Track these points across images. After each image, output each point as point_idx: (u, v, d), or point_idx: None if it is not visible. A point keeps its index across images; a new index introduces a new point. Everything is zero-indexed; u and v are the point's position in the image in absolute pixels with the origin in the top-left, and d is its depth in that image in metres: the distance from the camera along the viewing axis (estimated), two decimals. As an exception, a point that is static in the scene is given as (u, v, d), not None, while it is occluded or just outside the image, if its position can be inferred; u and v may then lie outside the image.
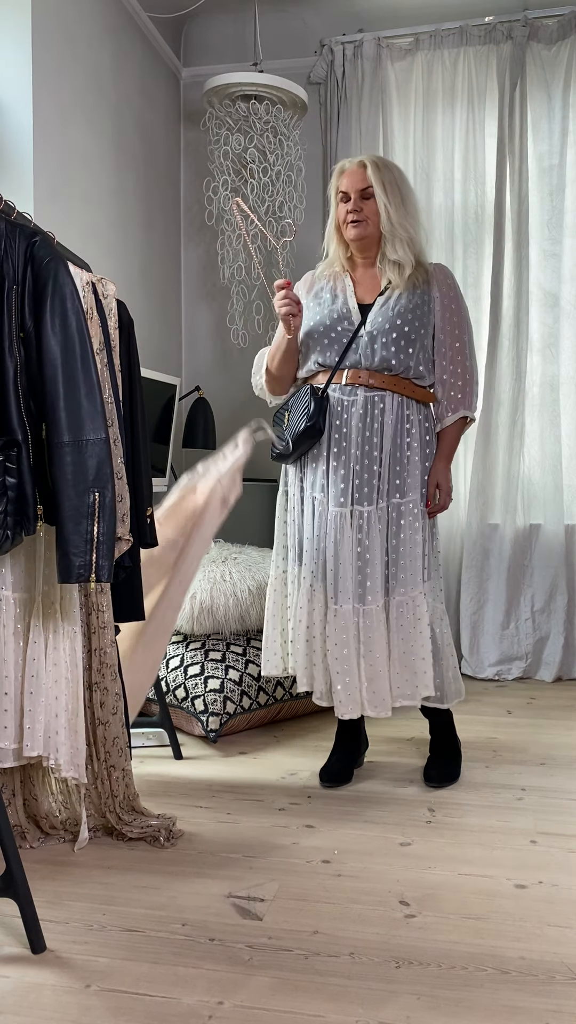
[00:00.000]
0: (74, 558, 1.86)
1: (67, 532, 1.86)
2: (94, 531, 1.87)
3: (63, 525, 1.86)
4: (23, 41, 2.96)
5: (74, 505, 1.86)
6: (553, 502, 3.93)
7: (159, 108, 4.17)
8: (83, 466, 1.86)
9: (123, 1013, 1.52)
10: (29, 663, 2.02)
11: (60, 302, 1.86)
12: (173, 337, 4.41)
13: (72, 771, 2.06)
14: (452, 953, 1.71)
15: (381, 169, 2.52)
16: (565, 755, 2.88)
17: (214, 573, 3.14)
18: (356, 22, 4.16)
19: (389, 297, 2.54)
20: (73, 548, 1.86)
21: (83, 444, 1.86)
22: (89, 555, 1.87)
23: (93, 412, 1.88)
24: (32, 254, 1.88)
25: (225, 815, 2.38)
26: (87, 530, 1.86)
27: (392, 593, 2.51)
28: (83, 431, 1.87)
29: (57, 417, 1.85)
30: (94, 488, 1.87)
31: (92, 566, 1.87)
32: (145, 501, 2.41)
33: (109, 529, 1.89)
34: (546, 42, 3.93)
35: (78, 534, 1.86)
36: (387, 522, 2.52)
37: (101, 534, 1.88)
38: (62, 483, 1.86)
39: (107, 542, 1.89)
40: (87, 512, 1.87)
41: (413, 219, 2.56)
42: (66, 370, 1.86)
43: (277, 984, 1.60)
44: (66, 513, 1.86)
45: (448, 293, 2.58)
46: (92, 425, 1.88)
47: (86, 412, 1.87)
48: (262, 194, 4.07)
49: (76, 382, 1.86)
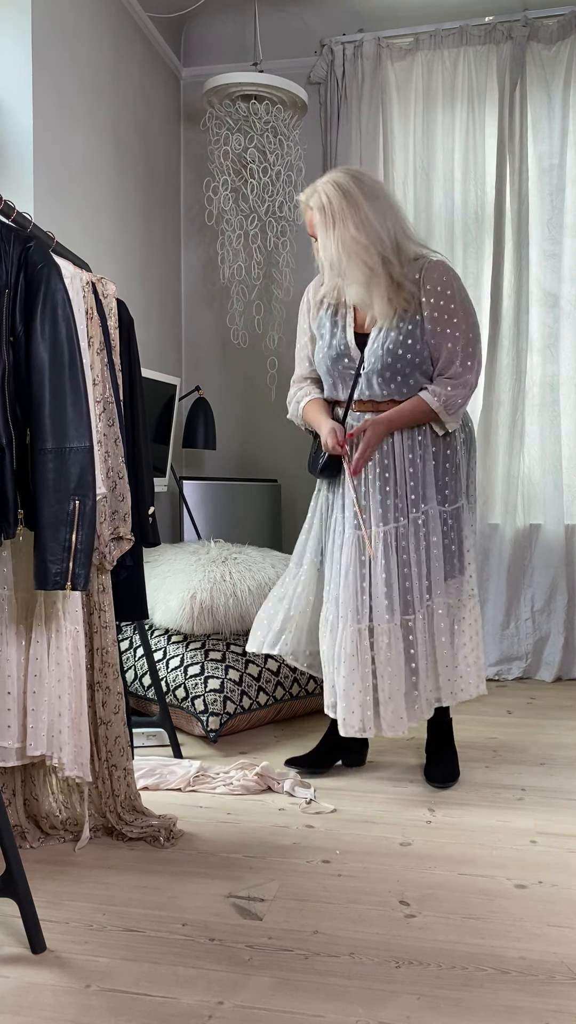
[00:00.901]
0: (51, 565, 1.86)
1: (45, 538, 1.86)
2: (72, 539, 1.87)
3: (42, 531, 1.86)
4: (23, 41, 2.96)
5: (54, 512, 1.86)
6: (553, 502, 3.93)
7: (159, 108, 4.17)
8: (65, 473, 1.86)
9: (123, 1013, 1.52)
10: (32, 662, 2.02)
11: (51, 308, 1.87)
12: (173, 337, 4.41)
13: (76, 770, 2.07)
14: (452, 953, 1.71)
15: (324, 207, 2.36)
16: (565, 755, 2.88)
17: (214, 573, 3.14)
18: (356, 22, 4.16)
19: (379, 331, 2.46)
20: (51, 555, 1.86)
21: (66, 451, 1.86)
22: (66, 563, 1.87)
23: (78, 420, 1.88)
24: (26, 259, 1.88)
25: (225, 815, 2.38)
26: (65, 537, 1.87)
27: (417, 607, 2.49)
28: (67, 438, 1.87)
29: (42, 423, 1.85)
30: (75, 496, 1.87)
31: (68, 574, 1.87)
32: (147, 500, 2.41)
33: (88, 537, 1.90)
34: (546, 42, 3.93)
35: (56, 541, 1.86)
36: (411, 536, 2.50)
37: (79, 542, 1.88)
38: (43, 489, 1.86)
39: (84, 551, 1.89)
40: (67, 520, 1.87)
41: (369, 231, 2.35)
42: (53, 377, 1.86)
43: (277, 984, 1.60)
44: (46, 519, 1.86)
45: (436, 300, 2.42)
46: (76, 433, 1.88)
47: (71, 420, 1.87)
48: (262, 194, 4.07)
49: (63, 389, 1.87)
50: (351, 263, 2.36)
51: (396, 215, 2.45)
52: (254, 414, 4.45)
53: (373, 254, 2.36)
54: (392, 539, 2.49)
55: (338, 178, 2.41)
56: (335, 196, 2.37)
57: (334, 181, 2.40)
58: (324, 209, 2.37)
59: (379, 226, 2.37)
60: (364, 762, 2.80)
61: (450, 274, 2.47)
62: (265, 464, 4.45)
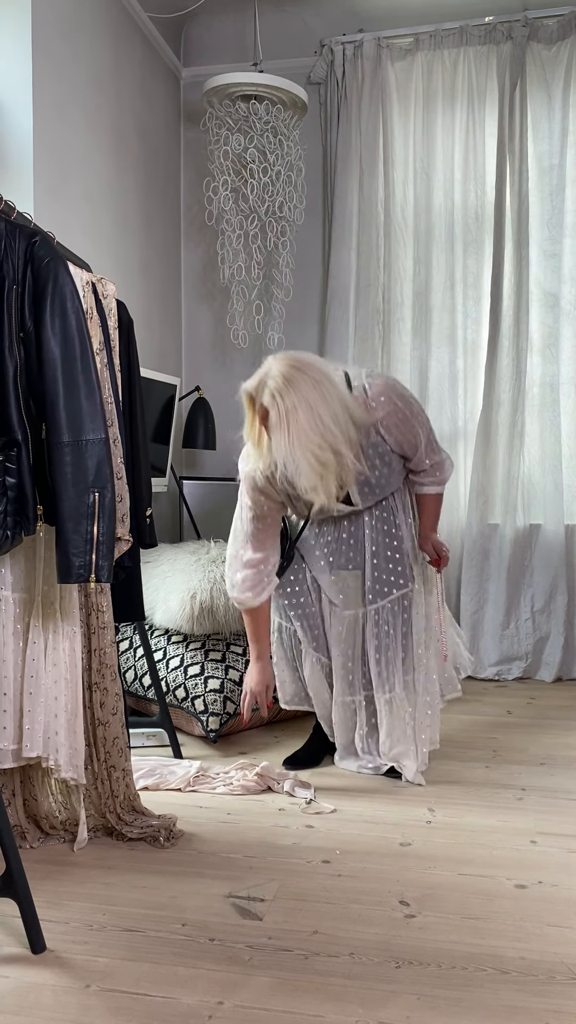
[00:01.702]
0: (74, 558, 1.85)
1: (67, 532, 1.86)
2: (94, 531, 1.87)
3: (63, 525, 1.86)
4: (23, 41, 2.96)
5: (74, 505, 1.85)
6: (553, 502, 3.93)
7: (159, 108, 4.17)
8: (83, 466, 1.86)
9: (123, 1013, 1.52)
10: (29, 663, 2.02)
11: (60, 302, 1.86)
12: (173, 337, 4.41)
13: (71, 771, 2.06)
14: (452, 953, 1.71)
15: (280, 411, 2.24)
16: (565, 755, 2.88)
17: (214, 573, 3.14)
18: (356, 22, 4.16)
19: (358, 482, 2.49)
20: (73, 548, 1.85)
21: (83, 444, 1.86)
22: (89, 555, 1.86)
23: (93, 412, 1.88)
24: (32, 254, 1.88)
25: (225, 815, 2.38)
26: (87, 530, 1.86)
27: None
28: (83, 431, 1.86)
29: (57, 417, 1.85)
30: (94, 488, 1.87)
31: (92, 566, 1.87)
32: (144, 501, 2.41)
33: (109, 529, 1.89)
34: (546, 42, 3.93)
35: (78, 534, 1.86)
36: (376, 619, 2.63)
37: (101, 534, 1.88)
38: (62, 483, 1.85)
39: (107, 542, 1.89)
40: (87, 512, 1.86)
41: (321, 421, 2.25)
42: (66, 370, 1.86)
43: (277, 984, 1.60)
44: (66, 513, 1.85)
45: (390, 419, 2.46)
46: (92, 425, 1.87)
47: (86, 412, 1.87)
48: (262, 194, 4.06)
49: (76, 382, 1.86)
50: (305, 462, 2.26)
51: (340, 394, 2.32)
52: (254, 414, 4.44)
53: (327, 451, 2.27)
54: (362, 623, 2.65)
55: (286, 372, 2.26)
56: (288, 396, 2.24)
57: (284, 376, 2.25)
58: (280, 411, 2.25)
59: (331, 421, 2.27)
60: None
61: (394, 393, 2.46)
62: (265, 464, 4.44)
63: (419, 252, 4.07)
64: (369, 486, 2.54)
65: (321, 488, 2.30)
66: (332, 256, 4.16)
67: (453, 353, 4.04)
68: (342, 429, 2.29)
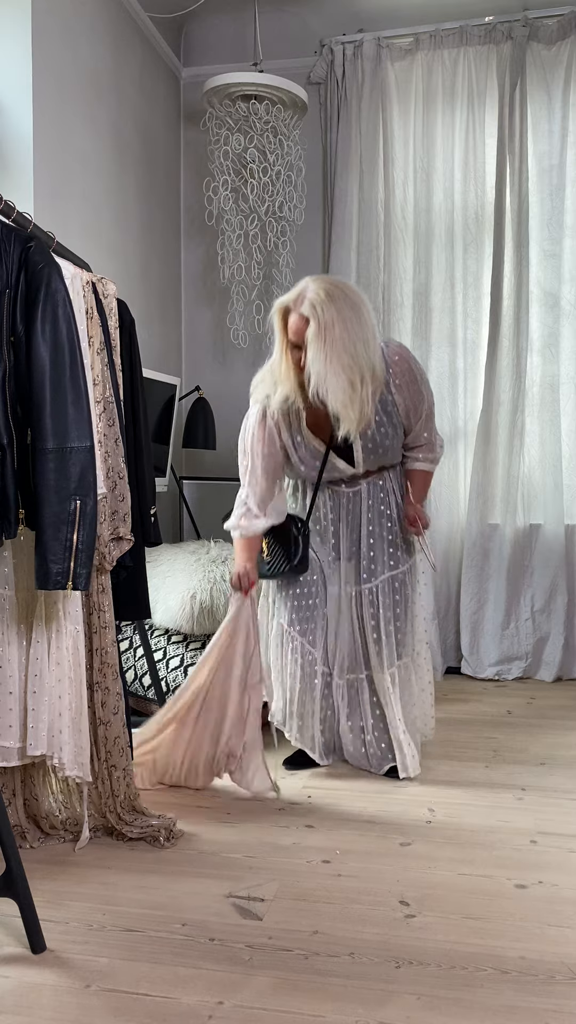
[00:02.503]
0: (52, 564, 1.86)
1: (47, 538, 1.86)
2: (73, 538, 1.87)
3: (43, 531, 1.86)
4: (23, 41, 2.95)
5: (55, 512, 1.86)
6: (553, 502, 3.93)
7: (159, 108, 4.17)
8: (66, 473, 1.86)
9: (123, 1013, 1.52)
10: (32, 662, 2.02)
11: (52, 309, 1.87)
12: (173, 337, 4.41)
13: (76, 770, 2.07)
14: (452, 953, 1.71)
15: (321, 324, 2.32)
16: (565, 755, 2.88)
17: (214, 573, 3.14)
18: (356, 22, 4.16)
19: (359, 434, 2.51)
20: (52, 555, 1.86)
21: (67, 451, 1.86)
22: (67, 562, 1.87)
23: (79, 420, 1.88)
24: (27, 259, 1.88)
25: (225, 815, 2.38)
26: (67, 537, 1.86)
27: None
28: (68, 438, 1.87)
29: (43, 423, 1.85)
30: (76, 496, 1.87)
31: (69, 573, 1.87)
32: (148, 500, 2.41)
33: (89, 537, 1.89)
34: (546, 42, 3.92)
35: (57, 541, 1.86)
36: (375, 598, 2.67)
37: (80, 542, 1.88)
38: (44, 489, 1.85)
39: (86, 550, 1.89)
40: (67, 519, 1.87)
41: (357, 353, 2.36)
42: (54, 377, 1.86)
43: (277, 984, 1.60)
44: (47, 519, 1.86)
45: (403, 377, 2.52)
46: (77, 433, 1.88)
47: (72, 419, 1.87)
48: (262, 194, 4.07)
49: (63, 389, 1.86)
50: (338, 381, 2.34)
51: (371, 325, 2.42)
52: (254, 414, 4.44)
53: (356, 374, 2.37)
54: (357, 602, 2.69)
55: (328, 289, 2.36)
56: (329, 310, 2.33)
57: (325, 292, 2.35)
58: (320, 322, 2.33)
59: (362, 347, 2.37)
60: None
61: (409, 356, 2.57)
62: (265, 464, 4.44)
63: (419, 252, 4.07)
64: (373, 444, 2.56)
65: (351, 407, 2.38)
66: (332, 256, 4.15)
67: (453, 353, 4.03)
68: (369, 358, 2.40)
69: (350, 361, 2.35)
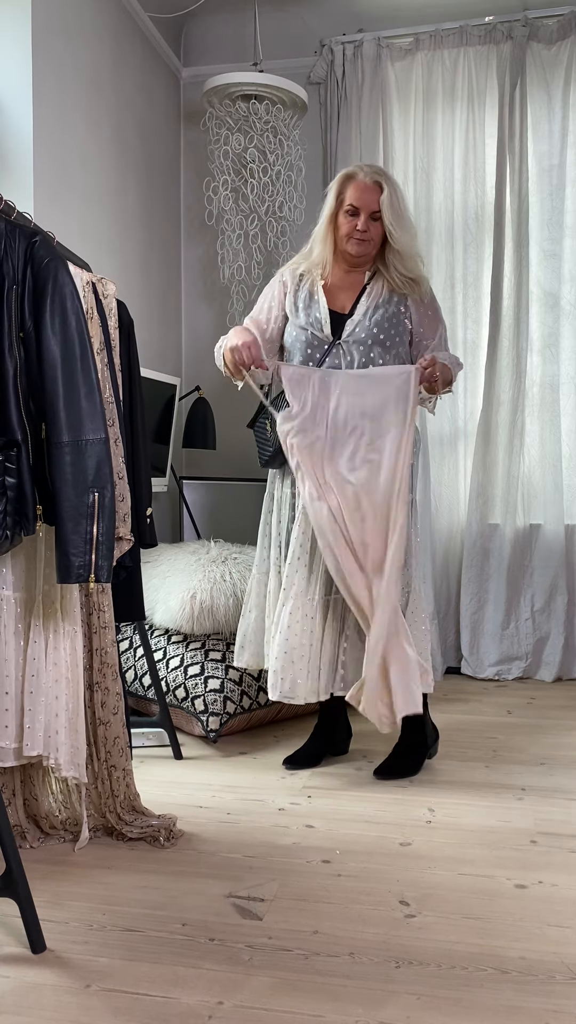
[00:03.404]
0: (73, 558, 1.85)
1: (66, 532, 1.86)
2: (93, 531, 1.87)
3: (62, 525, 1.86)
4: (23, 41, 2.96)
5: (73, 505, 1.85)
6: (553, 502, 3.93)
7: (159, 108, 4.17)
8: (82, 466, 1.86)
9: (123, 1013, 1.52)
10: (30, 663, 2.02)
11: (60, 302, 1.86)
12: (173, 337, 4.41)
13: (72, 770, 2.06)
14: (452, 953, 1.71)
15: (392, 193, 2.53)
16: (565, 755, 2.88)
17: (214, 573, 3.14)
18: (356, 22, 4.16)
19: (368, 307, 2.58)
20: (72, 548, 1.85)
21: (83, 444, 1.86)
22: (88, 555, 1.86)
23: (93, 412, 1.88)
24: (32, 254, 1.88)
25: (225, 815, 2.38)
26: (86, 530, 1.86)
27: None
28: (83, 431, 1.86)
29: (56, 417, 1.85)
30: (93, 488, 1.87)
31: (91, 566, 1.87)
32: (144, 501, 2.41)
33: (108, 529, 1.89)
34: (546, 42, 3.92)
35: (77, 534, 1.86)
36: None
37: (100, 534, 1.88)
38: (61, 483, 1.85)
39: (106, 542, 1.89)
40: (86, 512, 1.86)
41: (414, 236, 2.63)
42: (66, 370, 1.86)
43: (277, 984, 1.60)
44: (65, 513, 1.85)
45: (423, 299, 2.63)
46: (92, 425, 1.87)
47: (86, 412, 1.87)
48: (262, 194, 4.07)
49: (76, 382, 1.86)
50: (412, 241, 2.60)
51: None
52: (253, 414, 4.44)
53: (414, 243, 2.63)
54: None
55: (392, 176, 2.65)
56: (398, 185, 2.60)
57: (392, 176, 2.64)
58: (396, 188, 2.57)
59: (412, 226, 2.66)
60: (347, 750, 2.89)
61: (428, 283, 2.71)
62: (265, 464, 4.44)
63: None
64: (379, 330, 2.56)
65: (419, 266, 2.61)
66: (332, 256, 4.15)
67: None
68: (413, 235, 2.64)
69: (411, 228, 2.61)
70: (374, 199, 2.52)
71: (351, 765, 2.78)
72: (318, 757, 2.78)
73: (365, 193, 2.52)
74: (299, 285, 2.67)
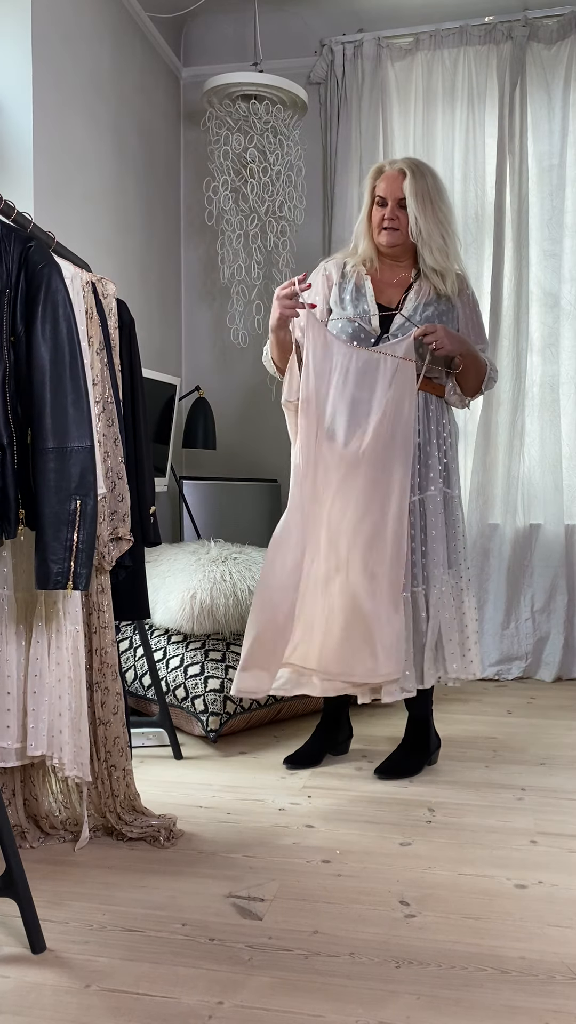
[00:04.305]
0: (52, 564, 1.86)
1: (47, 538, 1.86)
2: (74, 538, 1.87)
3: (43, 531, 1.86)
4: (23, 41, 2.96)
5: (55, 512, 1.86)
6: (553, 502, 3.93)
7: (159, 108, 4.17)
8: (66, 473, 1.86)
9: (123, 1013, 1.52)
10: (32, 662, 2.02)
11: (52, 308, 1.86)
12: (173, 337, 4.41)
13: (76, 770, 2.06)
14: (452, 953, 1.71)
15: (418, 179, 2.53)
16: (565, 755, 2.88)
17: (214, 573, 3.14)
18: (356, 22, 4.16)
19: (418, 304, 2.59)
20: (52, 554, 1.86)
21: (67, 451, 1.86)
22: (67, 562, 1.87)
23: (79, 419, 1.88)
24: (27, 258, 1.88)
25: (225, 815, 2.38)
26: (67, 537, 1.86)
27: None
28: (68, 438, 1.86)
29: (43, 423, 1.85)
30: (76, 496, 1.87)
31: (70, 573, 1.87)
32: (148, 500, 2.41)
33: (89, 537, 1.89)
34: (546, 42, 3.93)
35: (58, 540, 1.86)
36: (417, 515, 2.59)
37: (81, 542, 1.88)
38: (44, 489, 1.85)
39: (86, 550, 1.89)
40: (68, 519, 1.87)
41: (444, 226, 2.58)
42: (54, 376, 1.86)
43: (277, 984, 1.60)
44: (47, 519, 1.86)
45: (469, 303, 2.67)
46: (77, 432, 1.87)
47: (72, 419, 1.87)
48: (262, 194, 4.07)
49: (64, 389, 1.86)
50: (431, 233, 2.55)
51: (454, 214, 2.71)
52: (254, 414, 4.45)
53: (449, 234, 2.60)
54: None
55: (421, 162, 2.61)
56: (431, 173, 2.58)
57: (419, 161, 2.61)
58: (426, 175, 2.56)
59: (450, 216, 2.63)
60: (348, 750, 2.88)
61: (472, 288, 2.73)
62: (265, 464, 4.45)
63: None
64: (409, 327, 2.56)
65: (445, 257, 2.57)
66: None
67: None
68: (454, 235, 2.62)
69: (443, 218, 2.56)
70: (398, 186, 2.54)
71: (351, 765, 2.78)
72: (318, 757, 2.78)
73: (390, 182, 2.55)
74: (344, 278, 2.68)
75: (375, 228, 2.61)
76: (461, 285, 2.65)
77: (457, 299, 2.63)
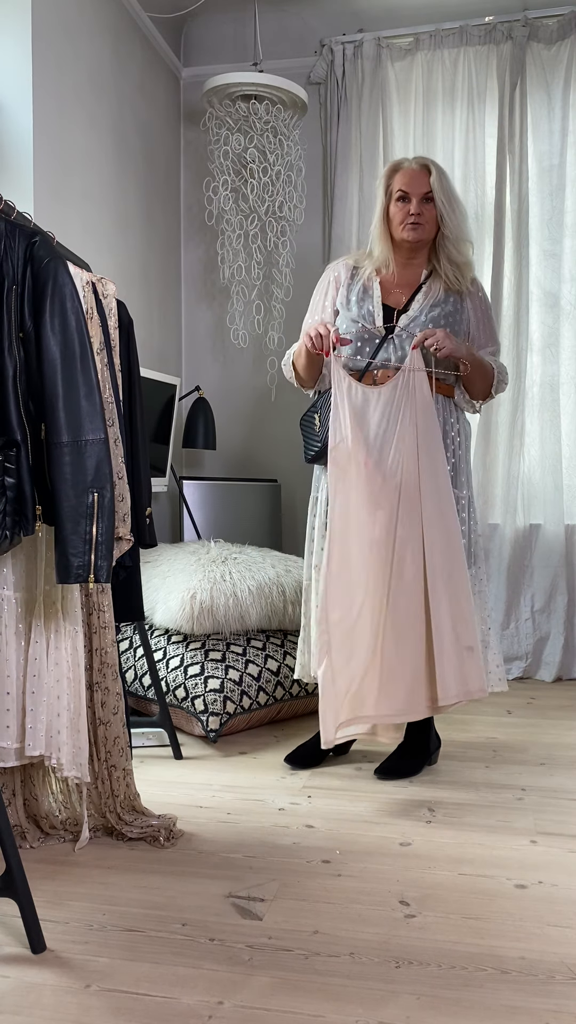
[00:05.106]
0: (72, 558, 1.86)
1: (66, 532, 1.86)
2: (93, 531, 1.87)
3: (62, 525, 1.86)
4: (23, 40, 2.96)
5: (73, 505, 1.85)
6: (553, 502, 3.93)
7: (159, 108, 4.17)
8: (82, 466, 1.86)
9: (123, 1013, 1.52)
10: (31, 663, 2.02)
11: (60, 302, 1.86)
12: (173, 337, 4.41)
13: (74, 770, 2.06)
14: (452, 953, 1.71)
15: (440, 176, 2.55)
16: (565, 755, 2.88)
17: (214, 573, 3.14)
18: (356, 22, 4.16)
19: (425, 300, 2.60)
20: (72, 548, 1.86)
21: (82, 444, 1.86)
22: (88, 555, 1.87)
23: (92, 412, 1.88)
24: (32, 254, 1.88)
25: (225, 815, 2.38)
26: (86, 530, 1.86)
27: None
28: (82, 431, 1.86)
29: (56, 417, 1.85)
30: (93, 488, 1.87)
31: (91, 566, 1.87)
32: (144, 501, 2.41)
33: (108, 529, 1.89)
34: (546, 42, 3.93)
35: (77, 534, 1.86)
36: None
37: (100, 534, 1.88)
38: (61, 483, 1.85)
39: (106, 542, 1.89)
40: (86, 512, 1.86)
41: (465, 221, 2.63)
42: (65, 370, 1.86)
43: (277, 984, 1.60)
44: (65, 513, 1.86)
45: (480, 306, 2.67)
46: (91, 425, 1.87)
47: (85, 412, 1.87)
48: (262, 194, 4.07)
49: (75, 382, 1.86)
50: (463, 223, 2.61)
51: None
52: (254, 414, 4.45)
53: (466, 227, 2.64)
54: None
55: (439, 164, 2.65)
56: (446, 173, 2.62)
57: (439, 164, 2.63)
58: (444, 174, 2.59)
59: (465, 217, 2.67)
60: (348, 750, 2.87)
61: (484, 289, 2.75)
62: (265, 464, 4.45)
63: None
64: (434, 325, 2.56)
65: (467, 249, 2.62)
66: (332, 256, 4.15)
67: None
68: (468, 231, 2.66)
69: (463, 213, 2.62)
70: (424, 181, 2.54)
71: (351, 765, 2.78)
72: (319, 756, 2.78)
73: (414, 178, 2.55)
74: (352, 279, 2.68)
75: (397, 225, 2.59)
76: (474, 287, 2.67)
77: (468, 299, 2.64)
